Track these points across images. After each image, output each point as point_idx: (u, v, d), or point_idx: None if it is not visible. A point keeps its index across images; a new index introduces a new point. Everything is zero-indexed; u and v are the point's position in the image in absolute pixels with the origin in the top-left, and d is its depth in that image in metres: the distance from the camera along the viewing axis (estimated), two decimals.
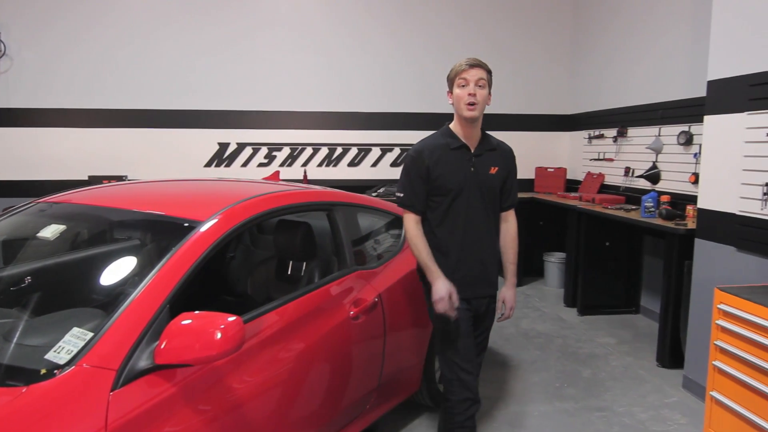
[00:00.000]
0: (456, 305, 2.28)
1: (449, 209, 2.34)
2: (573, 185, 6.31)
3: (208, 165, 6.05)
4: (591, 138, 5.97)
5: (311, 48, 6.10)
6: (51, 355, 1.58)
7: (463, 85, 2.28)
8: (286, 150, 6.17)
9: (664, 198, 4.40)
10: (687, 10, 4.56)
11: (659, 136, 4.85)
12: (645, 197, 4.37)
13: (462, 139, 2.36)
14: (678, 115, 4.61)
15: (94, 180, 5.54)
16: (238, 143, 6.08)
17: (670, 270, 3.98)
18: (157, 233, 2.24)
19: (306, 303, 2.28)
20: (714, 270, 3.36)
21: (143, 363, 1.62)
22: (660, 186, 4.81)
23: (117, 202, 2.45)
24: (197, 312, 1.67)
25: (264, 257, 3.02)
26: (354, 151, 6.31)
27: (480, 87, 2.28)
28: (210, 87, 5.95)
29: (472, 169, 2.35)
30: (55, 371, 1.52)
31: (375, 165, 6.35)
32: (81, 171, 5.73)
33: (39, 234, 2.27)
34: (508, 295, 2.48)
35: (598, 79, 5.98)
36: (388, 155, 6.36)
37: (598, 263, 5.12)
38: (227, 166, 6.08)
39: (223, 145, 6.06)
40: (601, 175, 5.74)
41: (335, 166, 6.29)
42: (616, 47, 5.62)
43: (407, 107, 6.29)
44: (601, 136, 5.77)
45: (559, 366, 3.97)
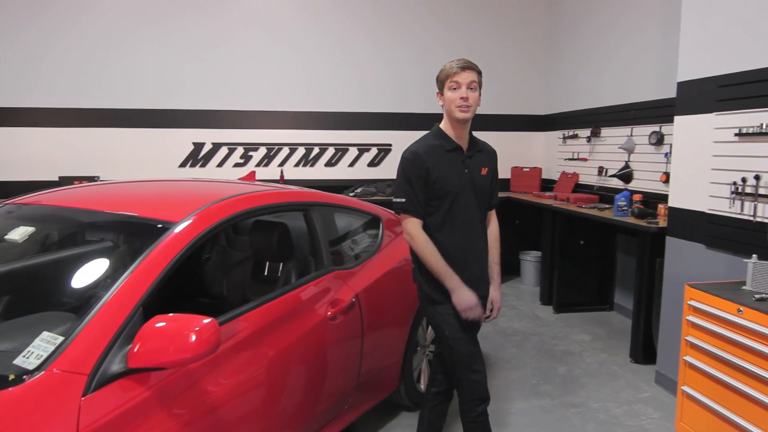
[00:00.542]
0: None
1: (448, 212, 2.31)
2: (548, 185, 6.39)
3: (182, 165, 5.96)
4: (565, 138, 6.06)
5: (287, 48, 6.07)
6: (20, 360, 1.54)
7: (455, 88, 2.25)
8: (262, 150, 6.12)
9: (636, 197, 4.49)
10: (658, 12, 4.66)
11: (631, 136, 4.94)
12: (618, 196, 4.45)
13: (455, 141, 2.35)
14: (649, 116, 4.70)
15: (65, 181, 5.41)
16: (213, 143, 6.01)
17: (642, 267, 4.06)
18: (130, 235, 2.20)
19: (283, 304, 2.26)
20: (684, 267, 3.43)
21: (116, 367, 1.59)
22: (632, 185, 4.90)
23: (89, 203, 2.39)
24: (171, 314, 1.64)
25: (240, 258, 2.98)
26: (331, 151, 6.29)
27: (472, 90, 2.25)
28: (185, 86, 5.87)
29: (466, 171, 2.34)
30: (24, 377, 1.49)
31: (352, 165, 6.35)
32: (51, 172, 5.59)
33: (6, 236, 2.21)
34: (495, 296, 2.46)
35: (572, 80, 6.06)
36: (365, 155, 6.36)
37: (573, 261, 5.20)
38: (202, 166, 6.01)
39: (198, 145, 5.98)
40: (576, 175, 5.82)
41: (312, 166, 6.27)
42: (590, 49, 5.71)
43: (383, 107, 6.30)
44: (575, 136, 5.86)
45: (536, 363, 4.01)
